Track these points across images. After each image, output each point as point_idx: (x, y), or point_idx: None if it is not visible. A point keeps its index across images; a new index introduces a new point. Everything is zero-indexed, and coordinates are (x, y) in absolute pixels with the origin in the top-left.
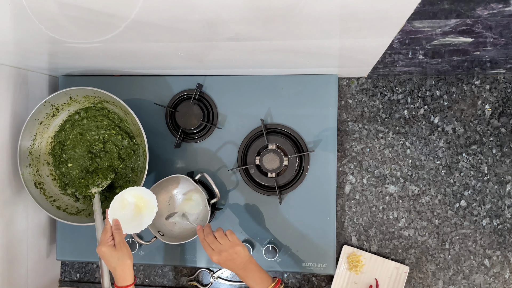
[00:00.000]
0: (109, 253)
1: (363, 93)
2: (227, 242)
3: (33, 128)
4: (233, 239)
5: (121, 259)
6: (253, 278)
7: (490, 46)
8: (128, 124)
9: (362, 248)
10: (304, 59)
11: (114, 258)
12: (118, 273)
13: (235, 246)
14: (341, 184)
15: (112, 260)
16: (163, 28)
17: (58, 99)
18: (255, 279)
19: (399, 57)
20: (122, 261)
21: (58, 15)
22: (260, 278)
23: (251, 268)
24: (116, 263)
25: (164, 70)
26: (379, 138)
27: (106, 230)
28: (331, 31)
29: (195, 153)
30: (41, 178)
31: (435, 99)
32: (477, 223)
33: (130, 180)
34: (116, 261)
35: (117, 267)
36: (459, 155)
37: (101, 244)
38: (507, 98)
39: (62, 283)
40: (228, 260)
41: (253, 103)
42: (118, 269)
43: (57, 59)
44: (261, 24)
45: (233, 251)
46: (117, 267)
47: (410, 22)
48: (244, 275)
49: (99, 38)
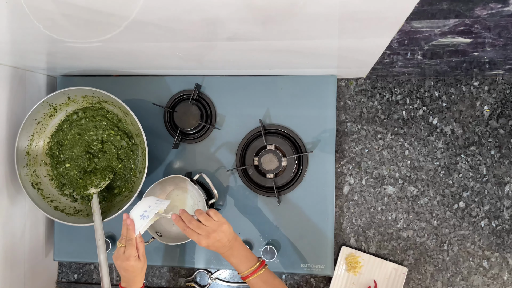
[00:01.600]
0: (135, 265)
1: (362, 94)
2: (214, 222)
3: (30, 128)
4: (218, 218)
5: (143, 268)
6: (239, 256)
7: (488, 47)
8: (127, 125)
9: (361, 249)
10: (302, 59)
11: (139, 269)
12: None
13: (222, 224)
14: (339, 185)
15: (136, 271)
16: (161, 28)
17: (56, 99)
18: (241, 258)
19: (398, 58)
20: (142, 269)
21: (56, 14)
22: (246, 257)
23: (236, 246)
24: (138, 272)
25: (163, 71)
26: (378, 139)
27: (132, 244)
28: (330, 31)
29: (193, 154)
30: (39, 178)
31: (433, 100)
32: (475, 225)
33: (129, 180)
34: (139, 271)
35: (138, 275)
36: (458, 156)
37: (129, 260)
38: (505, 99)
39: (60, 284)
40: (215, 241)
41: (251, 104)
42: (138, 276)
43: (55, 59)
44: (259, 24)
45: (220, 231)
46: (138, 275)
47: (409, 22)
48: (229, 253)
49: (98, 38)
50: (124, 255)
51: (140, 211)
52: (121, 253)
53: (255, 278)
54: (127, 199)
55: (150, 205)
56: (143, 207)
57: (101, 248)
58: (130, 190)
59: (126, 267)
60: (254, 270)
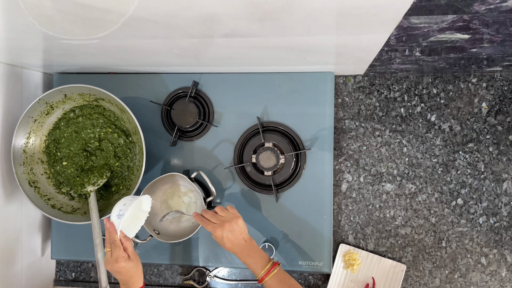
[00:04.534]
0: (127, 266)
1: (360, 91)
2: (229, 214)
3: (27, 126)
4: (234, 212)
5: (136, 267)
6: (255, 257)
7: (487, 43)
8: (124, 122)
9: (359, 246)
10: (300, 56)
11: (132, 269)
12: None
13: (237, 218)
14: (337, 182)
15: (130, 271)
16: (158, 24)
17: (52, 97)
18: (257, 258)
19: (396, 55)
20: (137, 267)
21: (52, 10)
22: (261, 257)
23: (252, 246)
24: (134, 272)
25: (160, 68)
26: (376, 136)
27: (116, 246)
28: (328, 27)
29: (191, 151)
30: (36, 176)
31: (431, 97)
32: (473, 221)
33: (126, 178)
34: (134, 270)
35: (134, 275)
36: (456, 153)
37: (118, 261)
38: (503, 96)
39: (57, 282)
40: (229, 232)
41: (249, 101)
42: (135, 276)
43: (51, 56)
44: (257, 20)
45: (234, 222)
46: (134, 275)
47: (407, 18)
48: (246, 254)
49: (95, 35)
50: (112, 258)
51: (116, 212)
52: (109, 257)
53: (271, 278)
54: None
55: (125, 203)
56: (119, 207)
57: (98, 246)
58: (128, 188)
59: (118, 270)
60: (268, 269)
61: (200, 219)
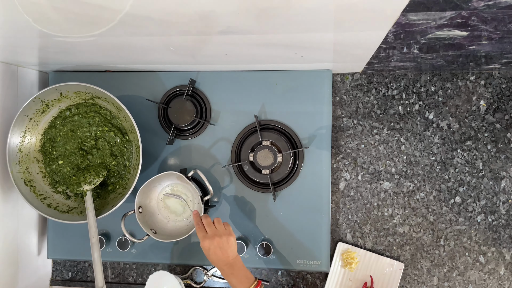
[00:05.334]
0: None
1: (358, 89)
2: (223, 229)
3: (22, 125)
4: (229, 230)
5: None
6: (238, 276)
7: (485, 40)
8: (120, 121)
9: (357, 245)
10: (297, 54)
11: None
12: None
13: (230, 235)
14: (335, 181)
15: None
16: (155, 21)
17: (48, 95)
18: (241, 278)
19: (394, 52)
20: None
21: (46, 7)
22: (246, 277)
23: (238, 265)
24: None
25: (157, 66)
26: (374, 134)
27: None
28: (325, 24)
29: (188, 150)
30: (31, 175)
31: (430, 95)
32: (472, 220)
33: (123, 177)
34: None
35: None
36: (454, 151)
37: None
38: (502, 93)
39: (54, 282)
40: (218, 248)
41: (246, 99)
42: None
43: (47, 54)
44: (253, 17)
45: (226, 239)
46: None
47: (405, 14)
48: (230, 272)
49: (90, 32)
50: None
51: None
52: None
53: None
54: (121, 196)
55: None
56: None
57: (95, 245)
58: (124, 187)
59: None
60: None
61: (196, 221)
